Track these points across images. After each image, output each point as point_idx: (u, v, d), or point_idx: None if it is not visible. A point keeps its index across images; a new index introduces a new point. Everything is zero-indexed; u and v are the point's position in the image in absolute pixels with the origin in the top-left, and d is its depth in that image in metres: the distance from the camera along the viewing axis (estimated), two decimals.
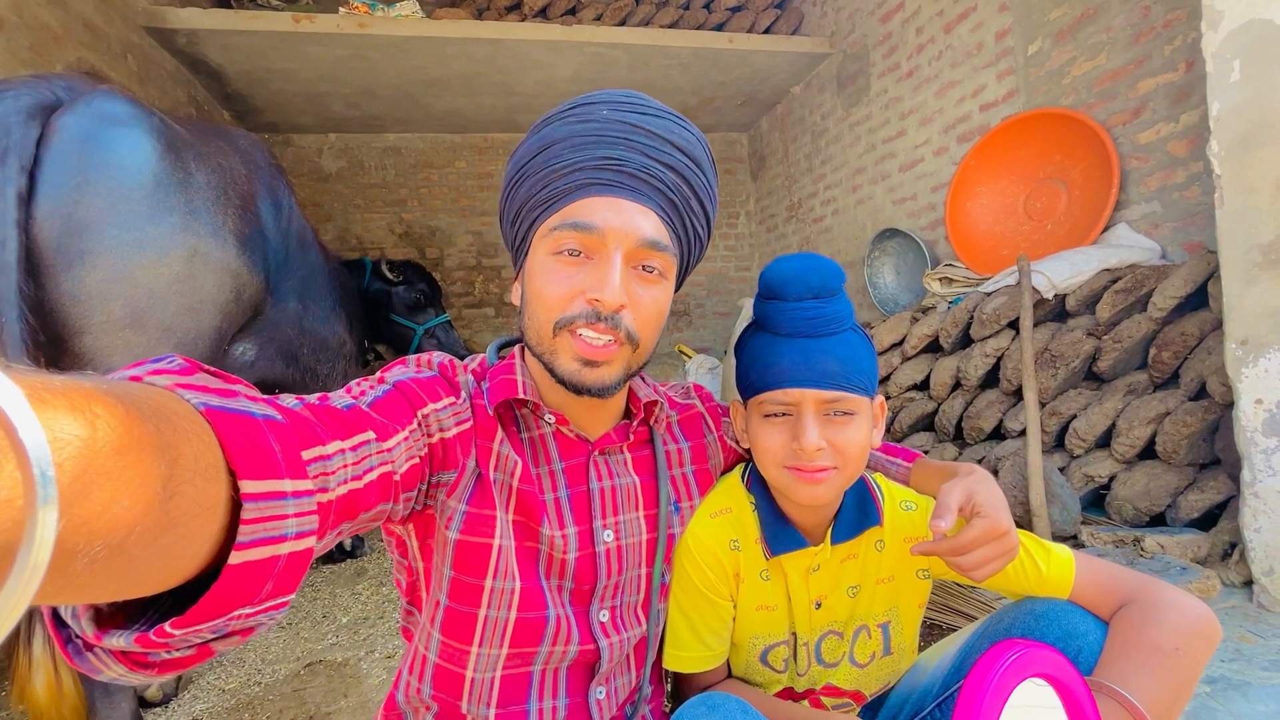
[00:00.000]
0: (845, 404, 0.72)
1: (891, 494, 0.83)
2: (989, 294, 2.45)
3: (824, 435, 0.72)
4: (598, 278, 0.64)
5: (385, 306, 2.85)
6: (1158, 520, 1.90)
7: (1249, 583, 1.58)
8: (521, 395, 0.70)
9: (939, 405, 2.57)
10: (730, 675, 0.88)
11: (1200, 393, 1.85)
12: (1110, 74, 2.35)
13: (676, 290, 0.76)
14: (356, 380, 0.65)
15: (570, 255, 0.65)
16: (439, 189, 4.77)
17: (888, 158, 3.59)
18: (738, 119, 4.97)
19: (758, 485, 0.82)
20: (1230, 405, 1.65)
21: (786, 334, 0.74)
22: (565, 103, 0.70)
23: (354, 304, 2.40)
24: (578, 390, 0.67)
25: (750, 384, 0.77)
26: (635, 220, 0.66)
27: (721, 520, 0.82)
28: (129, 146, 1.20)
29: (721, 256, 5.31)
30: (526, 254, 0.71)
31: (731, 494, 0.84)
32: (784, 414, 0.74)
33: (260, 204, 1.56)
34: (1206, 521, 1.81)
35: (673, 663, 0.82)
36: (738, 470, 0.87)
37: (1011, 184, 2.79)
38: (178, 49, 3.25)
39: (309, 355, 1.81)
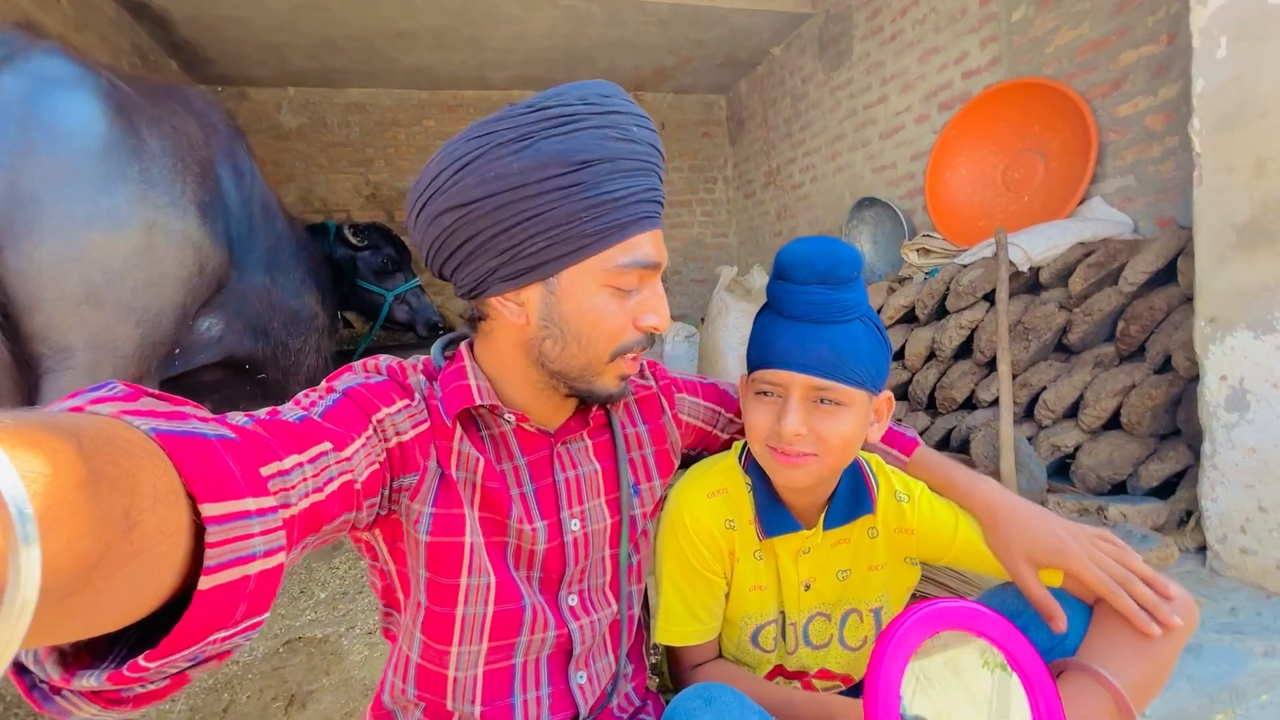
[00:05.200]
0: (834, 393, 0.71)
1: (888, 482, 0.83)
2: (965, 266, 2.47)
3: (808, 422, 0.72)
4: (655, 306, 0.67)
5: (351, 273, 2.75)
6: (1119, 489, 1.98)
7: (1202, 549, 1.66)
8: (479, 402, 0.68)
9: (913, 375, 2.62)
10: (720, 655, 0.89)
11: (1164, 366, 1.91)
12: (1092, 44, 2.34)
13: None
14: (304, 392, 0.63)
15: (623, 290, 0.66)
16: (406, 149, 4.59)
17: (868, 124, 3.56)
18: (716, 80, 4.85)
19: (755, 467, 0.82)
20: (1193, 379, 1.71)
21: (789, 316, 0.74)
22: (579, 99, 0.62)
23: (324, 274, 2.31)
24: (608, 401, 0.72)
25: (749, 360, 0.78)
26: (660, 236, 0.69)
27: (718, 500, 0.82)
28: (75, 111, 1.10)
29: (699, 223, 5.25)
30: (548, 276, 0.64)
31: (728, 474, 0.84)
32: (773, 394, 0.75)
33: (220, 170, 1.47)
34: (1164, 490, 1.90)
35: (664, 636, 0.83)
36: (735, 450, 0.87)
37: (991, 154, 2.80)
38: None
39: (279, 329, 1.74)
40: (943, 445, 2.43)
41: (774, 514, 0.80)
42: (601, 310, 0.65)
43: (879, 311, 2.78)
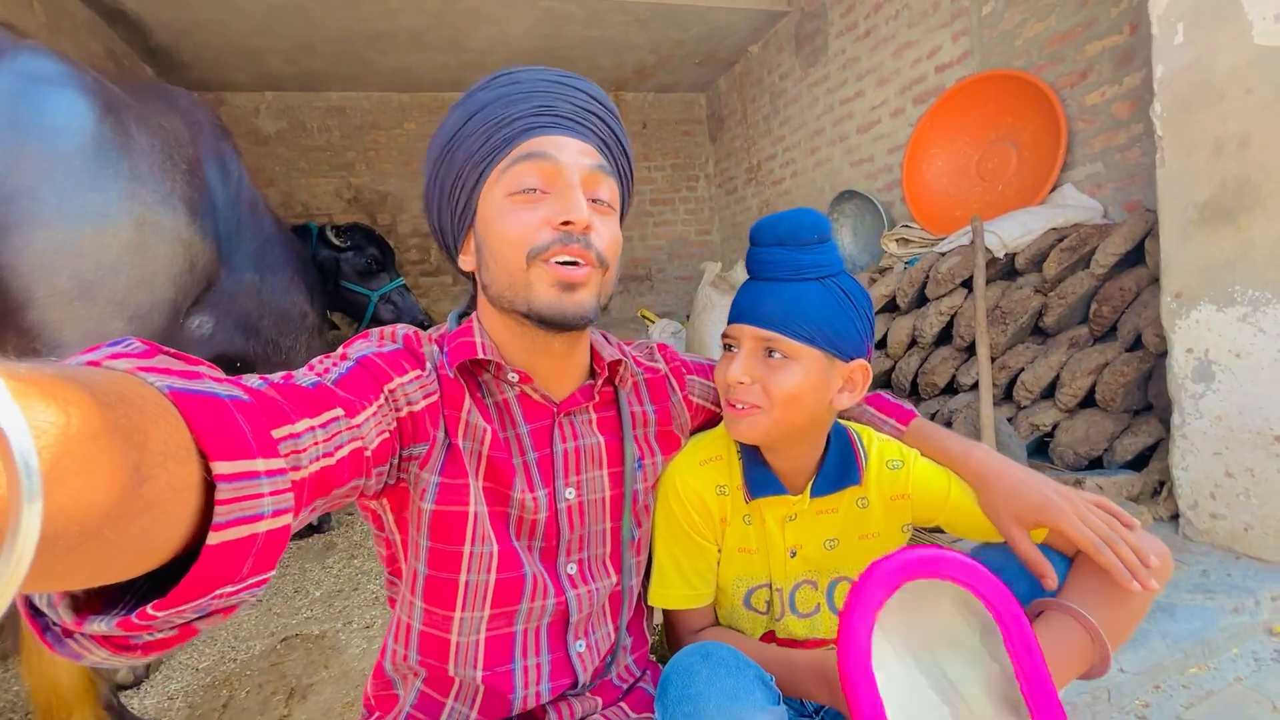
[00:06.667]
0: (780, 346, 0.74)
1: (881, 452, 0.85)
2: (943, 254, 2.53)
3: (754, 372, 0.76)
4: (564, 203, 0.67)
5: (335, 273, 2.75)
6: (1095, 463, 2.05)
7: (1175, 517, 1.73)
8: (481, 356, 0.70)
9: (895, 363, 2.67)
10: (717, 622, 0.92)
11: (1135, 344, 1.98)
12: (1059, 36, 2.41)
13: None
14: (319, 357, 0.64)
15: (529, 193, 0.68)
16: (387, 151, 4.58)
17: (845, 119, 3.62)
18: (696, 79, 4.90)
19: None
20: (1163, 355, 1.77)
21: (752, 277, 0.79)
22: (479, 81, 0.73)
23: (311, 273, 2.31)
24: (561, 321, 0.68)
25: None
26: (581, 152, 0.70)
27: (710, 467, 0.84)
28: (64, 108, 1.10)
29: (682, 220, 5.29)
30: (474, 215, 0.71)
31: (722, 441, 0.86)
32: (733, 347, 0.79)
33: (207, 168, 1.47)
34: (1138, 462, 1.96)
35: (657, 599, 0.85)
36: None
37: (965, 145, 2.86)
38: None
39: (270, 327, 1.74)
40: None
41: (759, 476, 0.82)
42: (507, 220, 0.68)
43: None
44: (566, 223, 0.66)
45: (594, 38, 4.00)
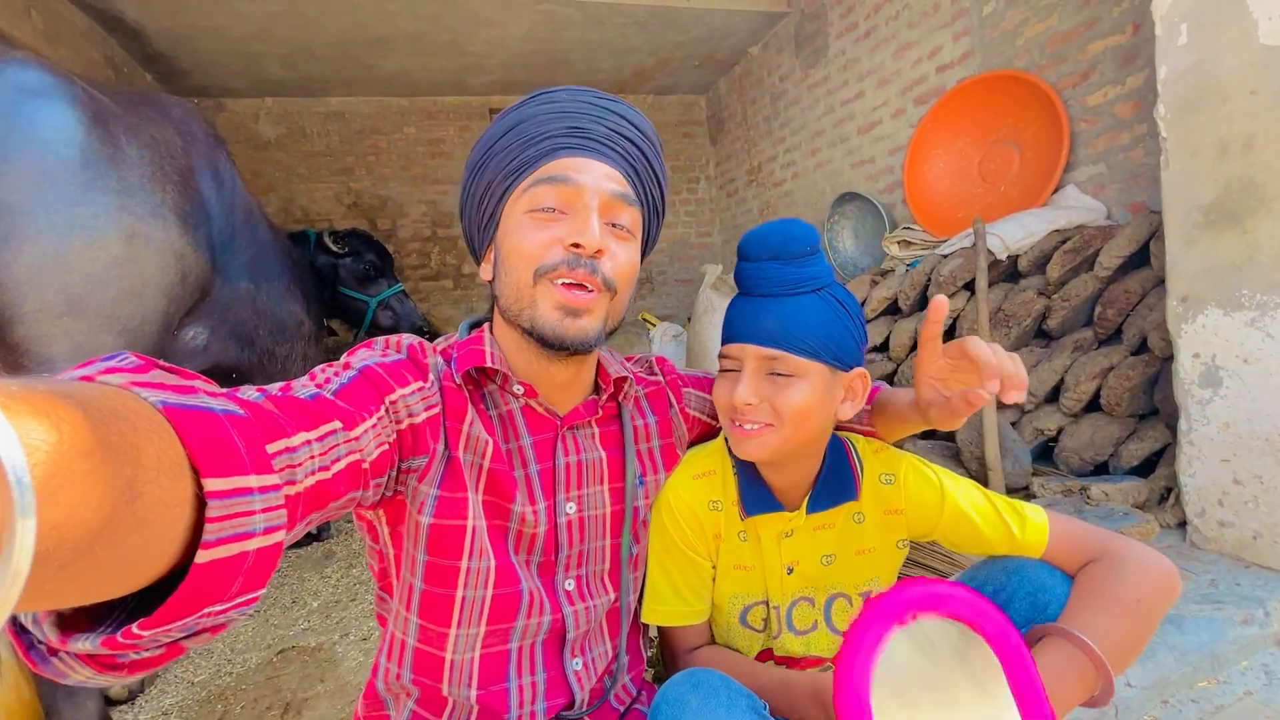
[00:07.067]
0: (784, 364, 0.73)
1: (872, 467, 0.84)
2: (945, 256, 2.51)
3: (760, 392, 0.74)
4: (577, 225, 0.67)
5: (334, 280, 2.74)
6: (1101, 469, 2.02)
7: (1183, 524, 1.70)
8: (489, 364, 0.70)
9: (898, 366, 2.65)
10: (713, 640, 0.90)
11: (1141, 347, 1.95)
12: (1061, 35, 2.39)
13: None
14: (321, 366, 0.63)
15: (547, 212, 0.68)
16: (387, 156, 4.58)
17: (846, 120, 3.60)
18: (696, 81, 4.89)
19: None
20: (1168, 359, 1.75)
21: (745, 293, 0.77)
22: (522, 97, 0.75)
23: (308, 281, 2.30)
24: (560, 344, 0.68)
25: (721, 341, 0.81)
26: (605, 176, 0.70)
27: (703, 482, 0.83)
28: (52, 121, 1.09)
29: (682, 223, 5.28)
30: (497, 226, 0.72)
31: (716, 456, 0.85)
32: (733, 368, 0.77)
33: (200, 178, 1.46)
34: (1144, 468, 1.93)
35: (650, 616, 0.84)
36: (723, 434, 0.88)
37: (967, 146, 2.84)
38: (89, 4, 2.97)
39: (265, 337, 1.73)
40: (928, 433, 2.47)
41: (755, 493, 0.81)
42: (521, 234, 0.68)
43: (862, 304, 2.81)
44: (576, 245, 0.66)
45: (593, 40, 3.99)
